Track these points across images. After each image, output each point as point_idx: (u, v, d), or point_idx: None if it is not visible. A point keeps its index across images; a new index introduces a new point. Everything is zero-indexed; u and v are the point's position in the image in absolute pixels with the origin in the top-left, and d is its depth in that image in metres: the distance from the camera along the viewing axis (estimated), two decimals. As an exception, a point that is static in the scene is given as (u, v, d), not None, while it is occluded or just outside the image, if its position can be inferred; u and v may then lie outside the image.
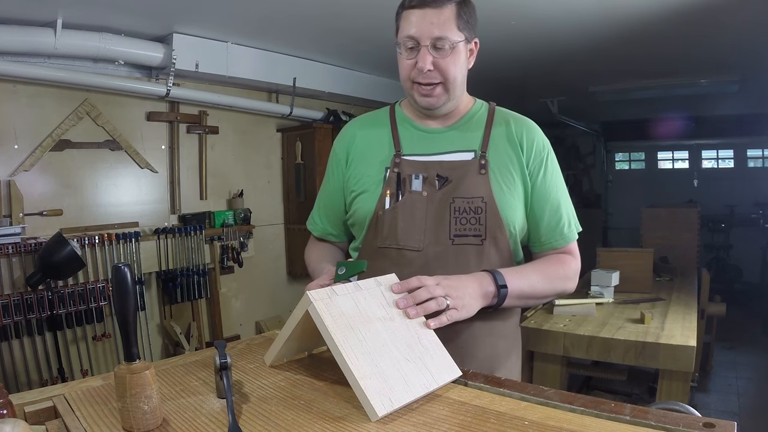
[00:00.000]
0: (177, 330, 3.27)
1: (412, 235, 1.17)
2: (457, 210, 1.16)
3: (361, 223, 1.25)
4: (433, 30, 1.09)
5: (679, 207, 4.71)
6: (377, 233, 1.21)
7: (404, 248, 1.17)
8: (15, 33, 2.47)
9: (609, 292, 2.80)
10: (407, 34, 1.12)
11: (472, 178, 1.17)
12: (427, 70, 1.12)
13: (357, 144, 1.29)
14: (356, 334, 0.89)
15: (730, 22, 2.96)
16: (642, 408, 0.78)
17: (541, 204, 1.21)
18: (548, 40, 3.29)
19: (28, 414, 0.89)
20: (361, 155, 1.27)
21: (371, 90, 4.33)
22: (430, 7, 1.10)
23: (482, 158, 1.18)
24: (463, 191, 1.17)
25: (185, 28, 2.95)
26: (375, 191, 1.22)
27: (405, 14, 1.13)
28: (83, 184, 2.94)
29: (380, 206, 1.20)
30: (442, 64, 1.12)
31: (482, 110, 1.27)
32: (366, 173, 1.25)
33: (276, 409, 0.86)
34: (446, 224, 1.16)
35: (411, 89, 1.18)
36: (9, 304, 2.47)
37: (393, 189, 1.19)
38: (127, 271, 0.80)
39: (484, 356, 1.20)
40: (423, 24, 1.10)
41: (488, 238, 1.16)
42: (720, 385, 3.67)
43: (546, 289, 1.19)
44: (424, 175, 1.19)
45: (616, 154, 7.63)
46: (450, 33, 1.10)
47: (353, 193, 1.27)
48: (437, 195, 1.18)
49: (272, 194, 4.04)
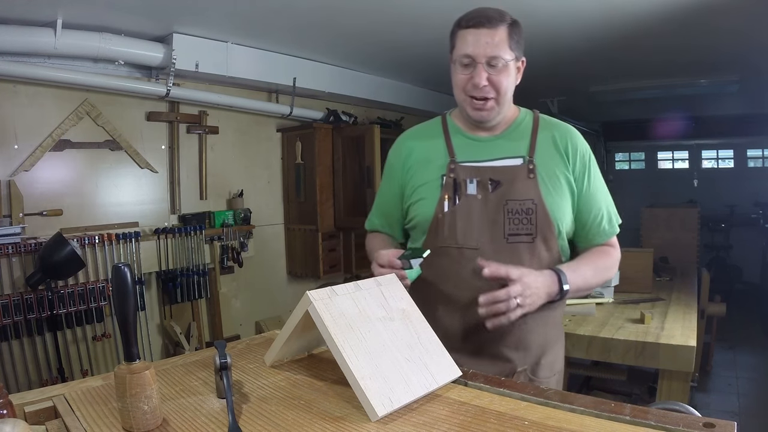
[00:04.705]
0: (177, 330, 3.27)
1: (470, 235, 1.27)
2: (510, 211, 1.26)
3: (422, 227, 1.34)
4: (488, 49, 1.20)
5: (679, 207, 4.71)
6: (437, 234, 1.30)
7: (463, 247, 1.26)
8: (15, 33, 2.47)
9: (609, 292, 2.80)
10: (464, 53, 1.22)
11: (522, 182, 1.27)
12: (482, 86, 1.22)
13: (413, 155, 1.39)
14: (356, 334, 0.89)
15: (730, 23, 2.96)
16: (642, 408, 0.79)
17: (587, 208, 1.32)
18: (548, 40, 3.29)
19: (28, 414, 0.89)
20: (418, 165, 1.37)
21: (372, 90, 4.33)
22: (486, 28, 1.20)
23: (530, 163, 1.28)
24: (515, 194, 1.26)
25: (185, 28, 2.95)
26: (433, 197, 1.32)
27: (461, 33, 1.24)
28: (83, 184, 2.94)
29: (440, 209, 1.30)
30: (496, 80, 1.23)
31: (527, 118, 1.36)
32: (424, 181, 1.34)
33: (276, 409, 0.86)
34: (501, 224, 1.26)
35: (464, 102, 1.28)
36: (9, 304, 2.47)
37: (450, 193, 1.30)
38: (127, 271, 0.80)
39: (537, 344, 1.30)
40: (479, 43, 1.21)
41: (539, 237, 1.26)
42: (720, 385, 3.67)
43: (596, 280, 1.31)
44: (478, 179, 1.29)
45: (616, 154, 7.63)
46: (503, 52, 1.21)
47: (412, 201, 1.37)
48: (491, 197, 1.28)
49: (272, 194, 4.03)
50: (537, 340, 1.30)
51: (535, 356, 1.30)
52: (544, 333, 1.31)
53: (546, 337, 1.32)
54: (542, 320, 1.29)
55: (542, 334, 1.31)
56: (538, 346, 1.31)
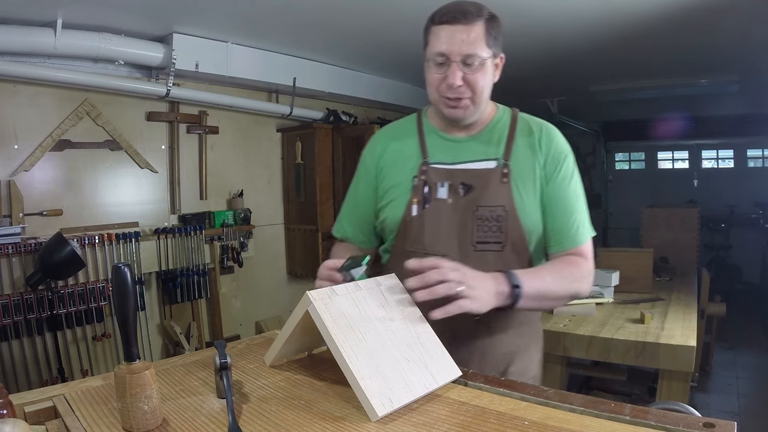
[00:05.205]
0: (177, 330, 3.27)
1: (438, 241, 1.21)
2: (479, 218, 1.20)
3: (391, 229, 1.30)
4: (463, 47, 1.12)
5: (679, 207, 4.71)
6: (405, 238, 1.26)
7: (430, 253, 1.17)
8: (15, 33, 2.47)
9: (609, 292, 2.80)
10: (438, 51, 1.14)
11: (495, 187, 1.20)
12: (457, 86, 1.15)
13: (386, 155, 1.33)
14: (356, 334, 0.89)
15: (730, 23, 2.96)
16: (642, 408, 0.79)
17: (552, 206, 1.23)
18: (548, 40, 3.28)
19: (28, 414, 0.89)
20: (391, 165, 1.31)
21: (372, 90, 4.33)
22: (461, 24, 1.12)
23: (505, 167, 1.22)
24: (486, 199, 1.20)
25: (185, 28, 2.95)
26: (403, 199, 1.26)
27: (435, 30, 1.16)
28: (83, 184, 2.94)
29: (408, 213, 1.25)
30: (471, 79, 1.15)
31: (505, 117, 1.29)
32: (395, 182, 1.29)
33: (276, 409, 0.86)
34: (469, 231, 1.20)
35: (438, 102, 1.21)
36: (9, 304, 2.47)
37: (420, 197, 1.24)
38: (127, 271, 0.80)
39: (501, 354, 1.24)
40: (453, 41, 1.12)
41: (509, 245, 1.20)
42: (720, 385, 3.67)
43: (559, 288, 1.18)
44: (450, 182, 1.23)
45: (616, 154, 7.62)
46: (479, 50, 1.13)
47: (384, 203, 1.31)
48: (461, 202, 1.22)
49: (272, 194, 4.04)
50: (501, 351, 1.24)
51: (502, 365, 1.24)
52: (510, 342, 1.25)
53: (513, 346, 1.26)
54: (509, 330, 1.24)
55: (508, 344, 1.25)
56: (503, 356, 1.25)
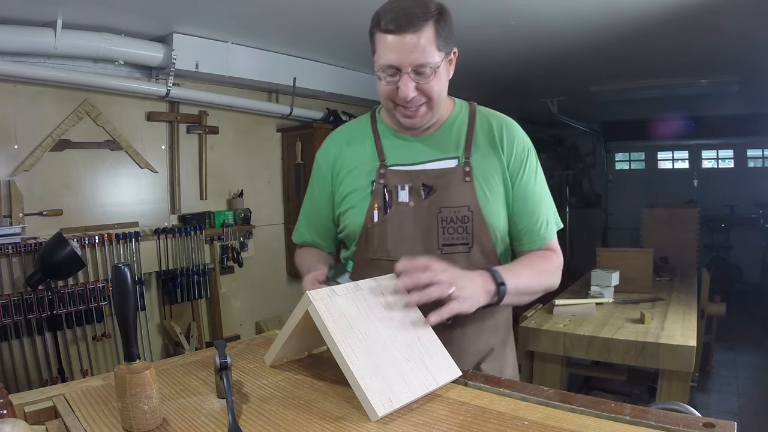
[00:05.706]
0: (177, 330, 3.27)
1: (402, 247, 1.16)
2: (444, 220, 1.16)
3: (352, 237, 1.25)
4: (413, 57, 1.05)
5: (679, 207, 4.70)
6: (367, 246, 1.21)
7: (395, 260, 1.10)
8: (15, 33, 2.47)
9: (609, 292, 2.80)
10: (386, 63, 1.07)
11: (457, 186, 1.17)
12: (411, 98, 1.09)
13: (342, 158, 1.26)
14: (356, 334, 0.89)
15: (730, 23, 2.96)
16: (642, 408, 0.79)
17: (519, 206, 1.21)
18: (548, 40, 3.28)
19: (28, 414, 0.89)
20: (348, 170, 1.25)
21: (371, 90, 4.31)
22: (409, 33, 1.03)
23: (466, 165, 1.18)
24: (449, 200, 1.16)
25: (185, 28, 2.95)
26: (363, 205, 1.21)
27: (381, 38, 1.07)
28: (83, 184, 2.94)
29: (369, 219, 1.20)
30: (426, 87, 1.09)
31: (463, 112, 1.25)
32: (353, 188, 1.23)
33: (276, 409, 0.86)
34: (434, 234, 1.17)
35: (394, 110, 1.15)
36: (9, 304, 2.47)
37: (380, 202, 1.19)
38: (127, 271, 0.80)
39: (475, 352, 1.22)
40: (402, 51, 1.05)
41: (476, 246, 1.17)
42: (720, 385, 3.67)
43: (537, 283, 1.18)
44: (410, 185, 1.18)
45: (616, 154, 7.63)
46: (430, 57, 1.06)
47: (342, 210, 1.26)
48: (424, 205, 1.17)
49: (272, 194, 4.04)
50: (476, 348, 1.22)
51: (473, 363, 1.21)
52: (484, 340, 1.23)
53: (485, 345, 1.24)
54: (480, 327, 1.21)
55: (483, 342, 1.23)
56: (476, 353, 1.22)
